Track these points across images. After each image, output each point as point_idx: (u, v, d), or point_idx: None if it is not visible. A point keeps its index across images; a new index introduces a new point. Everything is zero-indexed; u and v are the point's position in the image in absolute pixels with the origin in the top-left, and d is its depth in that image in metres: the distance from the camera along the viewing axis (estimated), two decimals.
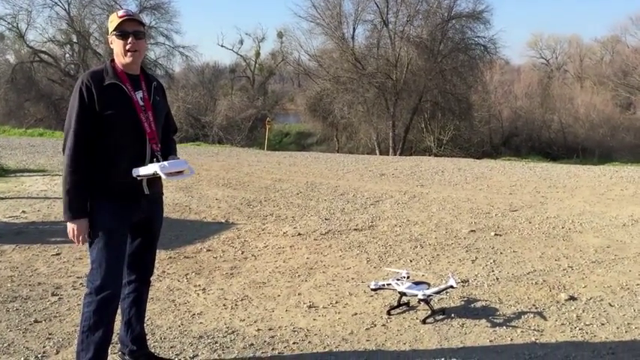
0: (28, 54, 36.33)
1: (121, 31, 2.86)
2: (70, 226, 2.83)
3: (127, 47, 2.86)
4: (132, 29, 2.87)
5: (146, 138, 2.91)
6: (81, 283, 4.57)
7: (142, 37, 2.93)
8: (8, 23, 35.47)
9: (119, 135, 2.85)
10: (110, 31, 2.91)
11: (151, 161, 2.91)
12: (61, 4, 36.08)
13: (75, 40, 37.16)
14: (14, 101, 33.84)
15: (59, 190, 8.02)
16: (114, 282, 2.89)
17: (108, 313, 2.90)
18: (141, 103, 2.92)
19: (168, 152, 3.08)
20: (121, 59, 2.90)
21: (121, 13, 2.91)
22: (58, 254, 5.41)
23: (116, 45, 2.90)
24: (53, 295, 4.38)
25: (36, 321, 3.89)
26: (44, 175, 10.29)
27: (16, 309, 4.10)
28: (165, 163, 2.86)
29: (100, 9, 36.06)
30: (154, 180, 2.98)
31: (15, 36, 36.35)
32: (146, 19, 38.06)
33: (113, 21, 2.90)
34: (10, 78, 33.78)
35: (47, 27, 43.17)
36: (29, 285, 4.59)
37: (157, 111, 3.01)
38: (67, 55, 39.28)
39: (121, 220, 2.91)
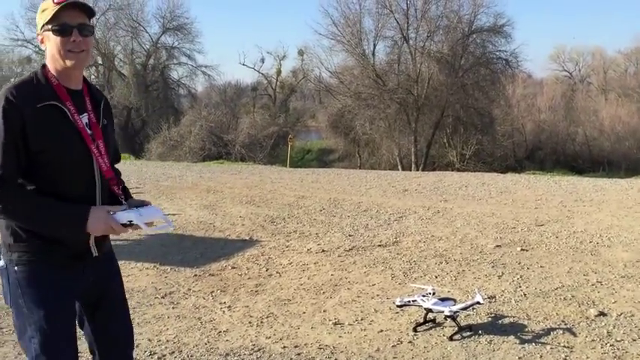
0: None
1: (60, 25, 2.00)
2: (95, 228, 2.03)
3: (69, 47, 2.01)
4: (76, 22, 2.02)
5: (98, 179, 2.12)
6: None
7: (89, 34, 2.07)
8: (35, 46, 36.39)
9: (63, 178, 2.04)
10: (41, 24, 2.04)
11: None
12: None
13: (100, 61, 37.95)
14: None
15: None
16: None
17: None
18: (89, 131, 2.10)
19: (125, 194, 2.28)
20: (57, 64, 2.05)
21: None
22: None
23: (52, 44, 2.03)
24: None
25: None
26: None
27: None
28: (141, 209, 2.09)
29: (124, 31, 37.00)
30: (103, 236, 2.18)
31: (41, 59, 37.22)
32: (169, 39, 38.77)
33: (46, 9, 2.01)
34: None
35: None
36: None
37: (108, 139, 2.20)
38: (93, 77, 40.08)
39: (62, 289, 2.10)
